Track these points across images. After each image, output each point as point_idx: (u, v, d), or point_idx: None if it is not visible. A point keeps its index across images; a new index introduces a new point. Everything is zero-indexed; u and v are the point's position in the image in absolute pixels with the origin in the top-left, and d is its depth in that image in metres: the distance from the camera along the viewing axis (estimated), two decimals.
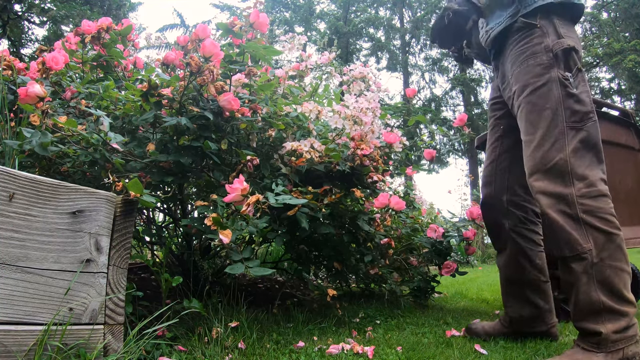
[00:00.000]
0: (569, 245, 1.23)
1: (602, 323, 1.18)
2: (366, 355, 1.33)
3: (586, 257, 1.21)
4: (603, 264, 1.20)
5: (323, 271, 2.49)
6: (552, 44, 1.32)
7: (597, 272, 1.20)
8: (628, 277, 1.22)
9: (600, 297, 1.19)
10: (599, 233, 1.21)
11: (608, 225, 1.23)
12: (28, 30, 10.66)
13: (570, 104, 1.28)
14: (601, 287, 1.19)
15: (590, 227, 1.22)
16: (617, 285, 1.19)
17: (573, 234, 1.22)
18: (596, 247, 1.21)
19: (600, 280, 1.20)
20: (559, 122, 1.28)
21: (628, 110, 2.55)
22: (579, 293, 1.23)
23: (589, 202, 1.23)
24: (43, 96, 1.28)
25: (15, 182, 0.88)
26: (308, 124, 1.85)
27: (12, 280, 0.86)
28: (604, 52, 13.99)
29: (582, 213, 1.22)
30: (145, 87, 1.45)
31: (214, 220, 1.25)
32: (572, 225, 1.23)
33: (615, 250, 1.21)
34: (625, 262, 1.22)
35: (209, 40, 1.46)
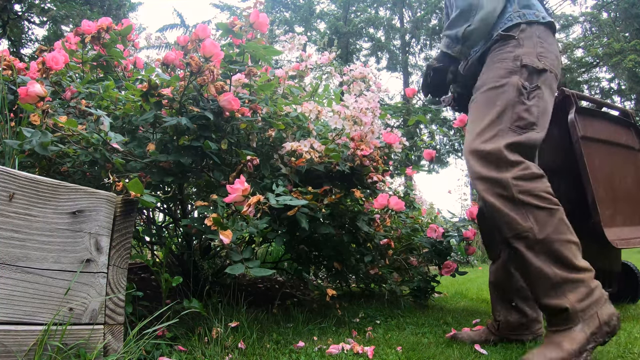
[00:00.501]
0: (509, 225, 1.25)
1: (563, 296, 1.18)
2: (366, 355, 1.33)
3: (527, 235, 1.23)
4: (550, 239, 1.21)
5: (323, 271, 2.49)
6: (522, 55, 1.38)
7: (545, 248, 1.22)
8: (576, 247, 1.24)
9: (554, 270, 1.20)
10: (539, 210, 1.24)
11: (546, 202, 1.25)
12: (28, 30, 10.66)
13: (519, 110, 1.34)
14: (553, 261, 1.21)
15: (528, 206, 1.24)
16: (567, 256, 1.21)
17: (511, 215, 1.25)
18: (538, 224, 1.23)
19: (550, 254, 1.21)
20: (503, 121, 1.33)
21: (628, 110, 2.55)
22: (531, 272, 1.23)
23: (524, 184, 1.26)
24: (43, 96, 1.28)
25: (15, 182, 0.88)
26: (308, 124, 1.85)
27: (12, 280, 0.86)
28: (604, 52, 13.99)
29: (518, 194, 1.25)
30: (146, 87, 1.45)
31: (214, 220, 1.25)
32: (509, 206, 1.25)
33: (558, 224, 1.23)
34: (570, 233, 1.24)
35: (209, 40, 1.46)
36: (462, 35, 1.43)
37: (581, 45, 15.56)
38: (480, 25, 1.42)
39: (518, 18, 1.43)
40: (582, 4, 20.34)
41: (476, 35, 1.44)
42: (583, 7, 20.01)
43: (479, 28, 1.43)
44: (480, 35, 1.45)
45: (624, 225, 2.19)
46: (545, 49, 1.41)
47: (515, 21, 1.43)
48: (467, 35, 1.43)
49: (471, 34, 1.43)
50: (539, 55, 1.39)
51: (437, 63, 1.51)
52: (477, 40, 1.46)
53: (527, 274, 1.25)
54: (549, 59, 1.40)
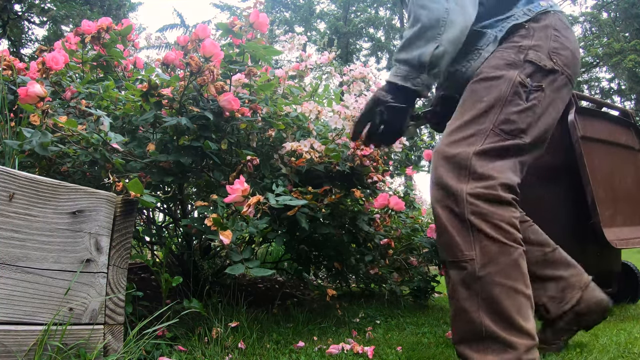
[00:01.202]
0: (450, 248, 1.04)
1: (482, 352, 0.97)
2: (366, 355, 1.33)
3: (465, 266, 1.00)
4: (491, 280, 0.98)
5: (323, 271, 2.49)
6: (529, 48, 1.14)
7: (481, 289, 0.98)
8: (526, 302, 0.99)
9: (483, 320, 0.97)
10: (489, 242, 1.00)
11: (502, 234, 1.01)
12: (28, 30, 10.67)
13: (510, 111, 1.10)
14: (486, 308, 0.98)
15: (478, 232, 1.00)
16: (506, 308, 0.97)
17: (455, 237, 1.02)
18: (483, 257, 0.99)
19: (485, 299, 0.98)
20: (487, 120, 1.10)
21: (628, 110, 2.55)
22: (458, 309, 1.02)
23: (481, 204, 1.02)
24: (43, 96, 1.28)
25: (15, 182, 0.88)
26: (308, 124, 1.85)
27: (12, 280, 0.86)
28: (604, 52, 14.00)
29: (470, 214, 1.01)
30: (146, 87, 1.45)
31: (214, 220, 1.25)
32: (456, 226, 1.03)
33: (509, 266, 0.99)
34: (523, 283, 1.00)
35: (209, 40, 1.46)
36: (429, 61, 1.08)
37: (581, 45, 15.56)
38: (451, 48, 1.11)
39: (525, 16, 1.18)
40: (582, 4, 20.35)
41: (447, 60, 1.12)
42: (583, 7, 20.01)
43: (450, 51, 1.11)
44: (451, 58, 1.15)
45: (624, 225, 2.19)
46: (562, 44, 1.16)
47: (522, 20, 1.17)
48: (434, 61, 1.09)
49: (440, 58, 1.09)
50: (551, 51, 1.15)
51: (392, 100, 1.12)
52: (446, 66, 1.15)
53: (453, 307, 1.04)
54: (564, 56, 1.16)
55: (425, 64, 1.09)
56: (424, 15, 1.09)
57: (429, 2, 1.10)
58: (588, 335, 1.58)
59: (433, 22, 1.09)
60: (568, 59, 1.18)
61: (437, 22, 1.09)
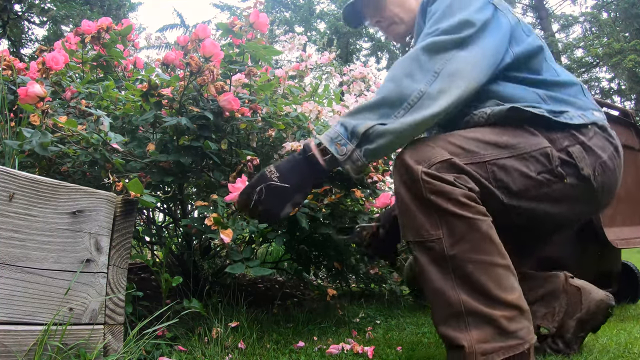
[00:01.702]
0: (414, 228, 0.97)
1: (465, 330, 0.93)
2: (366, 355, 1.33)
3: (432, 246, 0.95)
4: (463, 258, 0.94)
5: (323, 271, 2.49)
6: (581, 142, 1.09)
7: (454, 267, 0.95)
8: (504, 272, 0.96)
9: (460, 296, 0.94)
10: (456, 219, 0.94)
11: (466, 209, 0.95)
12: (28, 30, 10.67)
13: (515, 165, 1.02)
14: (462, 285, 0.94)
15: (441, 210, 0.95)
16: (484, 283, 0.93)
17: (419, 217, 0.96)
18: (451, 236, 0.94)
19: (460, 276, 0.94)
20: (491, 153, 1.03)
21: (628, 110, 2.55)
22: (433, 291, 0.97)
23: (437, 183, 0.96)
24: (43, 96, 1.28)
25: (15, 182, 0.88)
26: (308, 124, 1.85)
27: (12, 280, 0.86)
28: (604, 52, 14.00)
29: (428, 193, 0.95)
30: (146, 87, 1.45)
31: (214, 220, 1.25)
32: (418, 205, 0.96)
33: (480, 241, 0.95)
34: (498, 254, 0.96)
35: (209, 40, 1.46)
36: (362, 133, 0.95)
37: (581, 45, 15.58)
38: (406, 132, 0.97)
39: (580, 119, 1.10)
40: (582, 4, 20.39)
41: (389, 144, 0.98)
42: (583, 7, 20.04)
43: (399, 135, 0.97)
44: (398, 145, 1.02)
45: (624, 225, 2.19)
46: (613, 167, 1.13)
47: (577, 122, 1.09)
48: (369, 137, 0.96)
49: (379, 137, 0.96)
50: (600, 164, 1.09)
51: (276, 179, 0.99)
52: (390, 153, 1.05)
53: (427, 290, 0.99)
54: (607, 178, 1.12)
55: (357, 135, 0.96)
56: (390, 89, 0.99)
57: (403, 78, 0.99)
58: (588, 335, 1.59)
59: (395, 99, 0.98)
60: (610, 183, 1.11)
61: (399, 101, 0.97)
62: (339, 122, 1.00)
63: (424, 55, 1.01)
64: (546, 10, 16.64)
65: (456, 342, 0.94)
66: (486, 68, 1.05)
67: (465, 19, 1.04)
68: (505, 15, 1.13)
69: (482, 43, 1.05)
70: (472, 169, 0.99)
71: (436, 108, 0.97)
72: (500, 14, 1.11)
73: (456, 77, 1.00)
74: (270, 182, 0.99)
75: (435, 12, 1.10)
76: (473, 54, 1.02)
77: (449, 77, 0.99)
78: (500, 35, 1.09)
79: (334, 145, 0.98)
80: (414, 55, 1.02)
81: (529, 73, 1.14)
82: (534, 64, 1.15)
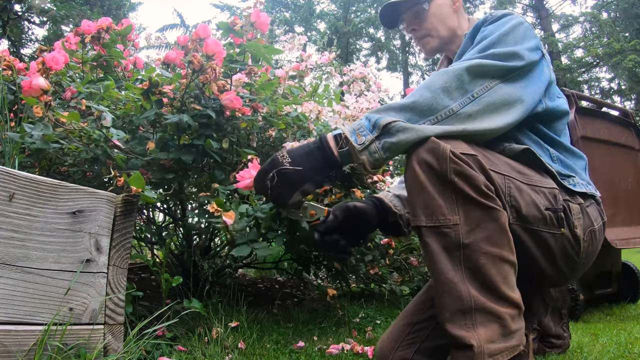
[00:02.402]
0: (429, 210, 0.90)
1: (472, 328, 0.88)
2: (366, 355, 1.33)
3: (448, 232, 0.89)
4: (477, 248, 0.89)
5: (323, 271, 2.49)
6: (579, 203, 1.08)
7: (466, 257, 0.89)
8: (510, 269, 0.92)
9: (470, 291, 0.88)
10: (475, 206, 0.89)
11: (487, 198, 0.90)
12: (28, 30, 10.67)
13: (524, 184, 1.00)
14: (471, 278, 0.89)
15: (462, 194, 0.89)
16: (493, 278, 0.89)
17: (437, 198, 0.90)
18: (468, 223, 0.89)
19: (470, 268, 0.89)
20: (507, 172, 1.00)
21: (628, 110, 2.55)
22: (441, 282, 0.90)
23: (464, 166, 0.90)
24: (47, 89, 1.27)
25: (15, 182, 0.88)
26: (308, 124, 1.85)
27: (13, 280, 0.86)
28: (604, 52, 14.00)
29: (452, 174, 0.89)
30: (146, 85, 1.45)
31: (216, 202, 1.24)
32: (438, 185, 0.90)
33: (495, 232, 0.90)
34: (509, 249, 0.92)
35: (211, 39, 1.46)
36: (383, 125, 0.92)
37: (581, 45, 15.58)
38: (417, 138, 0.92)
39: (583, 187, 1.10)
40: (582, 4, 20.40)
41: (401, 144, 0.93)
42: (583, 7, 20.05)
43: (406, 140, 0.92)
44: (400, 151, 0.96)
45: (624, 225, 2.19)
46: (598, 240, 1.10)
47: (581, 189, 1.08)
48: (390, 130, 0.93)
49: (400, 132, 0.92)
50: (592, 231, 1.08)
51: (288, 164, 0.96)
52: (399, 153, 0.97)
53: (436, 281, 0.93)
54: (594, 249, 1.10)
55: (378, 126, 0.93)
56: (424, 96, 0.96)
57: (440, 90, 0.97)
58: (588, 335, 1.59)
59: (424, 108, 0.95)
60: (592, 255, 1.09)
61: (429, 111, 0.95)
62: (364, 116, 0.98)
63: (468, 75, 0.99)
64: (546, 10, 16.64)
65: (463, 341, 0.88)
66: (520, 114, 1.03)
67: (517, 52, 1.02)
68: (548, 66, 1.12)
69: (525, 84, 1.04)
70: (493, 175, 0.95)
71: (458, 129, 0.96)
72: (544, 63, 1.10)
73: (490, 112, 0.99)
74: (282, 167, 0.97)
75: (489, 34, 1.08)
76: (514, 93, 1.01)
77: (484, 107, 0.98)
78: (541, 84, 1.07)
79: (355, 135, 0.95)
80: (458, 72, 0.99)
81: (551, 131, 1.13)
82: (557, 125, 1.14)
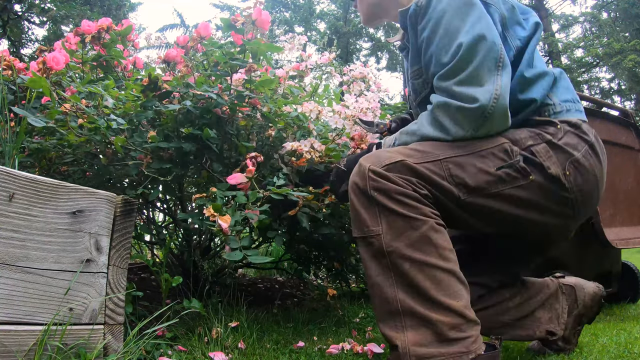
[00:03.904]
0: (357, 224, 1.00)
1: (401, 330, 0.92)
2: (366, 355, 1.33)
3: (373, 241, 0.97)
4: (400, 255, 0.94)
5: (323, 271, 2.49)
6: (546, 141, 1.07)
7: (392, 264, 0.95)
8: (446, 277, 0.94)
9: (398, 294, 0.93)
10: (396, 216, 0.95)
11: (406, 208, 0.96)
12: (28, 30, 10.67)
13: (471, 161, 1.03)
14: (400, 283, 0.94)
15: (382, 207, 0.97)
16: (421, 283, 0.92)
17: (362, 213, 0.99)
18: (390, 232, 0.95)
19: (398, 274, 0.94)
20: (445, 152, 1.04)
21: (628, 110, 2.55)
22: (372, 286, 0.98)
23: (381, 181, 0.98)
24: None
25: (15, 182, 0.88)
26: (308, 124, 1.84)
27: (12, 280, 0.86)
28: (604, 52, 13.99)
29: (372, 190, 0.98)
30: (146, 81, 1.45)
31: (214, 207, 1.25)
32: (363, 201, 0.99)
33: (419, 240, 0.94)
34: (438, 256, 0.94)
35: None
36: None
37: (581, 45, 15.57)
38: None
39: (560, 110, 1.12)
40: (582, 4, 20.41)
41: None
42: (583, 7, 20.06)
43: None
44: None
45: (624, 225, 2.19)
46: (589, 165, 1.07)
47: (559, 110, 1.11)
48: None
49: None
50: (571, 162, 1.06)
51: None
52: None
53: (368, 285, 1.00)
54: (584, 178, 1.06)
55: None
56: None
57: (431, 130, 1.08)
58: (588, 335, 1.59)
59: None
60: (589, 185, 1.06)
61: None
62: (395, 134, 1.19)
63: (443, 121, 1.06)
64: (546, 10, 16.64)
65: (391, 341, 0.93)
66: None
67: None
68: (496, 10, 1.11)
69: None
70: (424, 168, 1.00)
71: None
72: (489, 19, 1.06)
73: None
74: (337, 166, 1.34)
75: (429, 36, 1.08)
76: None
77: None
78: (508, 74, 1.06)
79: None
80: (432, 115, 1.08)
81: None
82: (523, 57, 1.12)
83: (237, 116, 1.57)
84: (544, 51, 15.18)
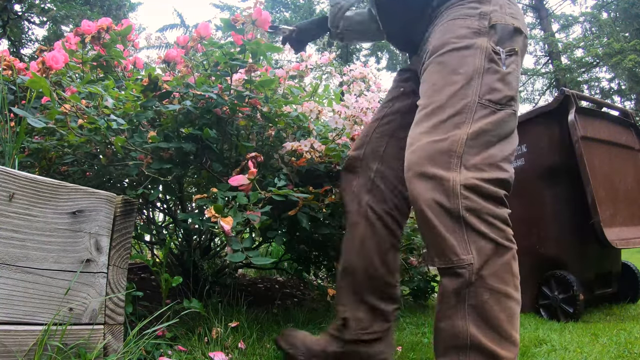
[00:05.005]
0: (442, 253, 0.88)
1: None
2: None
3: (463, 273, 0.85)
4: (482, 285, 0.85)
5: (323, 271, 2.49)
6: (491, 12, 1.02)
7: (471, 295, 0.85)
8: (516, 307, 0.87)
9: (469, 328, 0.84)
10: (486, 241, 0.86)
11: (497, 233, 0.87)
12: (28, 30, 10.67)
13: (491, 79, 0.95)
14: (473, 316, 0.84)
15: (473, 231, 0.86)
16: (497, 316, 0.84)
17: (449, 239, 0.86)
18: (479, 259, 0.85)
19: (474, 305, 0.85)
20: (469, 93, 0.94)
21: (628, 110, 2.55)
22: (441, 318, 0.89)
23: (476, 198, 0.87)
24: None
25: (15, 182, 0.88)
26: (308, 124, 1.85)
27: (12, 280, 0.86)
28: (604, 52, 13.98)
29: (464, 210, 0.86)
30: (146, 81, 1.45)
31: (215, 208, 1.25)
32: (448, 225, 0.87)
33: (503, 268, 0.86)
34: (514, 286, 0.87)
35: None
36: None
37: (581, 45, 15.55)
38: None
39: None
40: (582, 4, 20.38)
41: None
42: (583, 7, 20.05)
43: None
44: None
45: (624, 225, 2.19)
46: (515, 9, 1.07)
47: None
48: None
49: None
50: (512, 16, 1.04)
51: None
52: None
53: (437, 317, 0.91)
54: (520, 20, 1.05)
55: None
56: None
57: None
58: (588, 335, 1.59)
59: None
60: (522, 22, 1.07)
61: None
62: None
63: None
64: (546, 10, 16.63)
65: None
66: None
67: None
68: None
69: None
70: (483, 123, 0.93)
71: None
72: None
73: None
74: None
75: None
76: None
77: None
78: None
79: None
80: None
81: None
82: None
83: (237, 116, 1.57)
84: (544, 51, 15.16)
